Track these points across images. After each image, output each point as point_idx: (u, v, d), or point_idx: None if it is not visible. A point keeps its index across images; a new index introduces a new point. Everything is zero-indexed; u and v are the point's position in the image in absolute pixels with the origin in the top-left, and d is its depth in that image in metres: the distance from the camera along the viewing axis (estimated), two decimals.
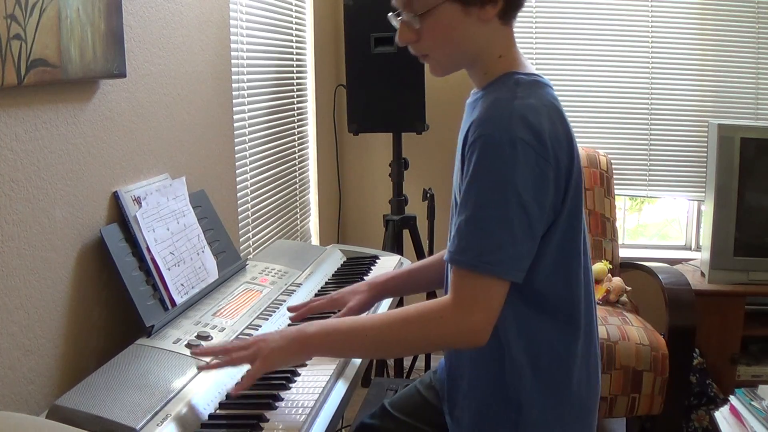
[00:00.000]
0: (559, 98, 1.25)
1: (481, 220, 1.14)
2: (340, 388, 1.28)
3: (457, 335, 1.16)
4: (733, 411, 2.02)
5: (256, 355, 1.18)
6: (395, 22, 1.29)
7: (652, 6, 3.16)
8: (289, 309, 1.52)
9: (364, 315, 1.35)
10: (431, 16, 1.22)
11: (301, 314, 1.50)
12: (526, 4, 1.26)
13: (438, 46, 1.26)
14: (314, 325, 1.23)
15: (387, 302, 1.82)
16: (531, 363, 1.24)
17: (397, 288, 1.58)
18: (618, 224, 3.10)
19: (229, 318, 1.48)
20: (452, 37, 1.24)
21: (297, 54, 2.86)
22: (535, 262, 1.18)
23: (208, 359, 1.26)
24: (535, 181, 1.13)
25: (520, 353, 1.24)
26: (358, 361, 1.41)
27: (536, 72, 1.27)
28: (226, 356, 1.21)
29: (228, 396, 1.20)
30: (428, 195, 2.80)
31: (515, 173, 1.12)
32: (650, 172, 3.27)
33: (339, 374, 1.33)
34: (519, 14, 1.27)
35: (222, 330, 1.42)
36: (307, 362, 1.36)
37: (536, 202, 1.14)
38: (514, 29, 1.28)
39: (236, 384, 1.18)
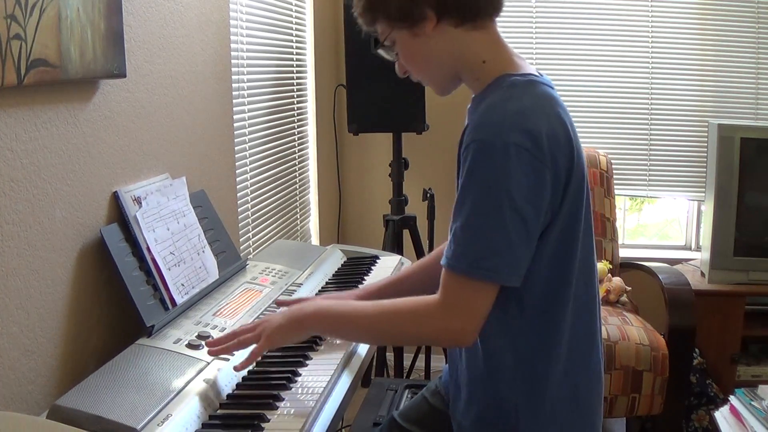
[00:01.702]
0: (562, 101, 1.24)
1: (476, 226, 1.14)
2: (341, 389, 1.28)
3: (444, 334, 1.18)
4: (733, 411, 2.02)
5: (260, 336, 1.27)
6: (394, 58, 1.34)
7: (652, 6, 3.16)
8: (277, 302, 1.57)
9: (359, 302, 1.37)
10: (397, 45, 1.27)
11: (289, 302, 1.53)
12: (525, 4, 1.26)
13: (417, 70, 1.31)
14: (313, 304, 1.33)
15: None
16: (524, 366, 1.23)
17: (393, 295, 1.56)
18: (618, 224, 3.10)
19: (230, 318, 1.48)
20: (417, 59, 1.28)
21: (297, 54, 2.86)
22: (531, 264, 1.17)
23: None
24: (530, 185, 1.12)
25: (511, 360, 1.23)
26: (359, 361, 1.41)
27: (533, 71, 1.26)
28: (233, 340, 1.29)
29: (235, 369, 1.26)
30: (428, 195, 2.80)
31: (509, 178, 1.11)
32: (650, 172, 3.27)
33: (340, 374, 1.33)
34: (519, 14, 1.27)
35: (222, 330, 1.42)
36: (307, 363, 1.36)
37: (532, 205, 1.13)
38: (516, 29, 1.29)
39: (242, 360, 1.25)
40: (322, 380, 1.27)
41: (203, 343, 1.34)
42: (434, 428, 1.44)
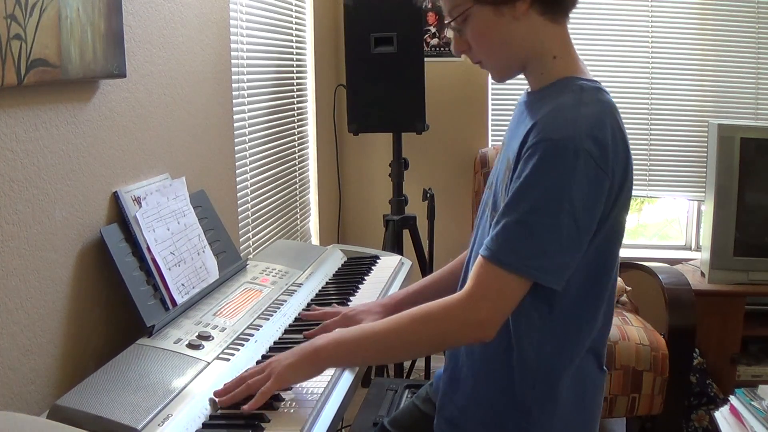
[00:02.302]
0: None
1: (532, 224, 1.13)
2: (341, 389, 1.28)
3: (466, 327, 1.16)
4: (733, 411, 2.02)
5: (269, 377, 1.19)
6: (450, 34, 1.30)
7: (652, 6, 3.16)
8: (306, 336, 1.46)
9: (370, 323, 1.33)
10: (469, 21, 1.22)
11: (315, 333, 1.48)
12: None
13: (484, 50, 1.26)
14: (323, 338, 1.24)
15: (397, 284, 1.81)
16: (545, 370, 1.23)
17: (412, 306, 1.56)
18: None
19: (230, 318, 1.48)
20: (492, 39, 1.23)
21: (297, 54, 2.86)
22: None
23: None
24: (590, 193, 1.12)
25: (534, 361, 1.23)
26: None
27: (596, 78, 1.25)
28: (242, 385, 1.20)
29: (240, 412, 1.16)
30: (428, 195, 2.80)
31: (573, 183, 1.11)
32: (650, 172, 3.27)
33: (340, 375, 1.32)
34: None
35: (223, 330, 1.42)
36: None
37: (588, 213, 1.13)
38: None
39: (251, 401, 1.15)
40: (323, 380, 1.27)
41: (204, 343, 1.34)
42: None
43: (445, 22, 1.27)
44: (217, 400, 1.18)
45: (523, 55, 1.25)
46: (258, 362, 1.34)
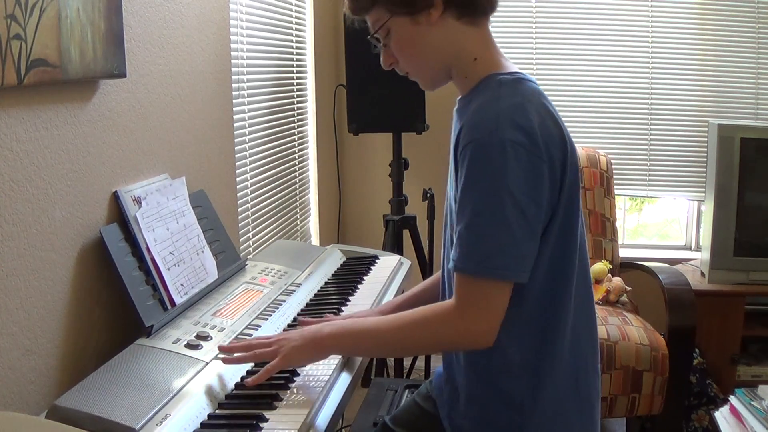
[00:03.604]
0: (559, 98, 1.25)
1: (480, 225, 1.14)
2: (340, 388, 1.28)
3: (463, 338, 1.19)
4: (733, 411, 2.02)
5: (276, 353, 1.24)
6: (378, 51, 1.33)
7: (652, 6, 3.16)
8: (300, 322, 1.52)
9: (376, 318, 1.36)
10: (390, 34, 1.26)
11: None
12: (525, 4, 1.26)
13: (409, 61, 1.29)
14: (329, 325, 1.30)
15: (391, 292, 1.82)
16: (527, 362, 1.24)
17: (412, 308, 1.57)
18: (618, 224, 3.10)
19: (229, 318, 1.48)
20: (414, 49, 1.26)
21: (297, 54, 2.86)
22: (535, 261, 1.18)
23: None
24: (529, 181, 1.13)
25: (516, 355, 1.23)
26: (358, 361, 1.41)
27: (518, 70, 1.27)
28: (249, 352, 1.27)
29: (245, 385, 1.23)
30: (428, 195, 2.80)
31: (507, 175, 1.12)
32: (650, 172, 3.27)
33: (339, 374, 1.33)
34: (519, 14, 1.27)
35: (222, 330, 1.42)
36: None
37: (533, 201, 1.14)
38: (516, 29, 1.29)
39: (254, 376, 1.22)
40: (321, 380, 1.27)
41: (203, 343, 1.34)
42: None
43: (369, 37, 1.30)
44: (218, 352, 1.29)
45: (446, 62, 1.28)
46: (258, 363, 1.34)
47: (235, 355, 1.28)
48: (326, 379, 1.27)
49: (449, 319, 1.18)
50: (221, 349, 1.30)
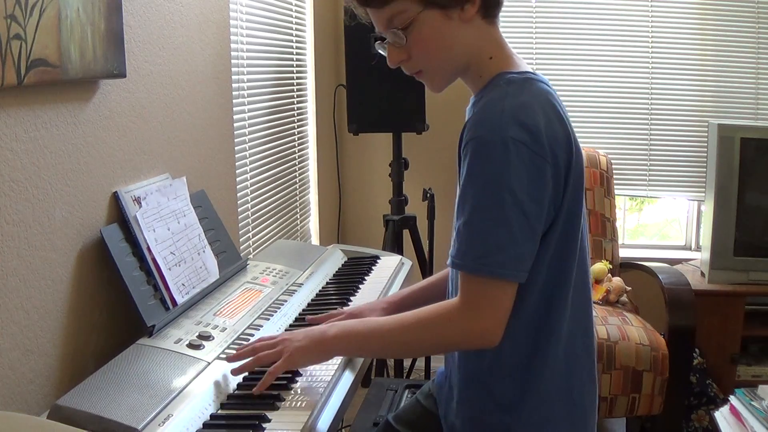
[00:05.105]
0: (559, 98, 1.24)
1: (479, 222, 1.13)
2: (342, 388, 1.28)
3: (468, 337, 1.17)
4: (733, 411, 2.02)
5: (280, 353, 1.23)
6: (382, 50, 1.28)
7: (652, 6, 3.16)
8: (309, 320, 1.52)
9: (381, 318, 1.35)
10: (414, 28, 1.20)
11: (320, 321, 1.48)
12: (525, 4, 1.26)
13: (428, 57, 1.24)
14: (335, 327, 1.28)
15: (397, 284, 1.82)
16: (518, 363, 1.23)
17: (415, 304, 1.55)
18: (618, 224, 3.10)
19: (230, 318, 1.48)
20: (439, 44, 1.22)
21: (297, 54, 2.86)
22: (534, 262, 1.17)
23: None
24: (531, 180, 1.12)
25: (507, 355, 1.23)
26: (360, 361, 1.41)
27: (529, 69, 1.25)
28: (253, 355, 1.26)
29: (251, 392, 1.21)
30: (428, 195, 2.80)
31: (509, 174, 1.11)
32: (650, 172, 3.27)
33: (341, 374, 1.33)
34: (519, 14, 1.27)
35: (223, 330, 1.42)
36: None
37: (534, 200, 1.13)
38: (516, 29, 1.28)
39: (259, 382, 1.20)
40: (324, 380, 1.27)
41: (204, 343, 1.34)
42: (427, 431, 1.43)
43: (384, 31, 1.24)
44: (227, 363, 1.27)
45: (466, 59, 1.25)
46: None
47: (241, 363, 1.26)
48: (328, 380, 1.27)
49: (454, 318, 1.16)
50: (230, 359, 1.28)
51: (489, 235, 1.13)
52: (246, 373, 1.29)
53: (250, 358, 1.26)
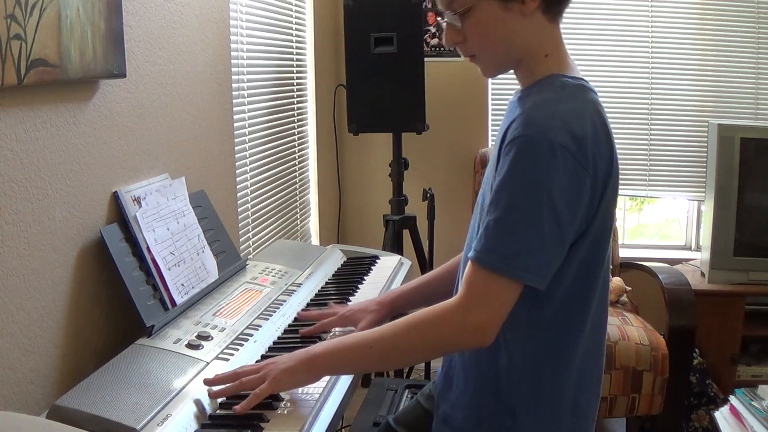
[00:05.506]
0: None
1: (511, 222, 1.11)
2: (341, 388, 1.28)
3: (464, 333, 1.14)
4: (733, 411, 2.02)
5: (264, 378, 1.18)
6: (443, 24, 1.27)
7: (652, 6, 3.16)
8: (302, 334, 1.48)
9: (368, 330, 1.31)
10: (472, 14, 1.20)
11: (312, 332, 1.48)
12: None
13: (482, 45, 1.24)
14: (321, 344, 1.24)
15: (396, 284, 1.81)
16: (531, 370, 1.22)
17: (408, 304, 1.55)
18: (618, 224, 3.10)
19: (230, 318, 1.48)
20: (495, 35, 1.21)
21: (297, 54, 2.86)
22: (558, 271, 1.15)
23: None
24: (570, 189, 1.11)
25: (521, 360, 1.22)
26: None
27: (582, 77, 1.24)
28: (235, 381, 1.19)
29: (233, 413, 1.15)
30: (428, 195, 2.80)
31: (551, 178, 1.09)
32: (650, 172, 3.27)
33: (337, 377, 1.32)
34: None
35: (222, 330, 1.42)
36: None
37: (570, 209, 1.11)
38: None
39: (243, 402, 1.15)
40: (322, 380, 1.27)
41: (203, 343, 1.34)
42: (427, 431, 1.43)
43: (444, 13, 1.24)
44: (206, 387, 1.18)
45: (520, 53, 1.24)
46: (257, 362, 1.34)
47: (221, 387, 1.19)
48: (326, 380, 1.27)
49: (452, 312, 1.14)
50: (206, 382, 1.20)
51: (520, 236, 1.11)
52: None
53: (232, 384, 1.19)
